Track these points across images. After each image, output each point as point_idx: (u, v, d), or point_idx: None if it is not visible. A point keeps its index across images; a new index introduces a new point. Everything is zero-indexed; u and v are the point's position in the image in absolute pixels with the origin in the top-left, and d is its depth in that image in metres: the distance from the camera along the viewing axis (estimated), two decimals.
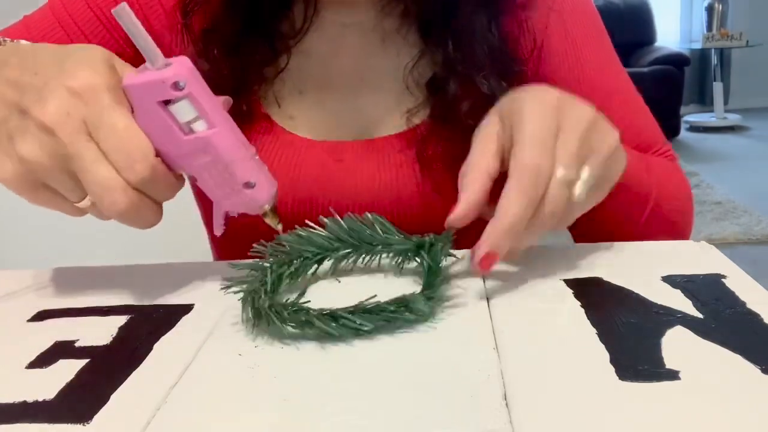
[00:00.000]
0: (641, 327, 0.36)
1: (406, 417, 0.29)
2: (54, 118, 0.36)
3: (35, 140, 0.36)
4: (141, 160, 0.37)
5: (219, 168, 0.39)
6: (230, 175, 0.39)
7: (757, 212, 2.82)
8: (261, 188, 0.40)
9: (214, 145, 0.38)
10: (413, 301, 0.36)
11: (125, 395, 0.32)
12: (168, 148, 0.38)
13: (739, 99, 4.96)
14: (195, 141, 0.38)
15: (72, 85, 0.36)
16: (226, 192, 0.40)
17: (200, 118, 0.37)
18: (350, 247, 0.44)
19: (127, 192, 0.37)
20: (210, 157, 0.38)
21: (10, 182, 0.38)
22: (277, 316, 0.36)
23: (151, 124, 0.37)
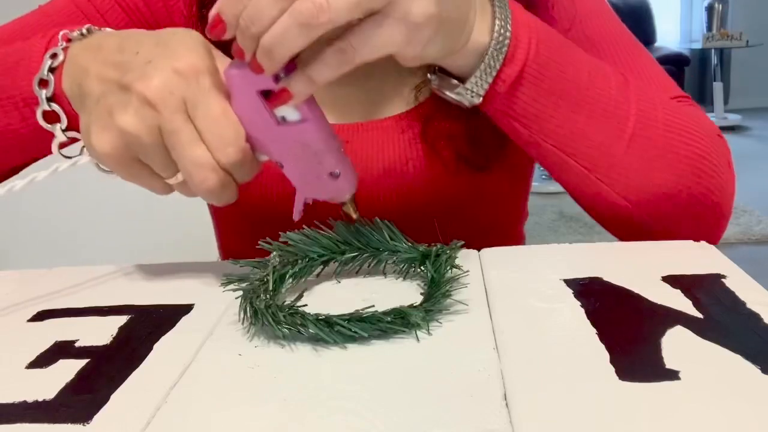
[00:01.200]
0: (641, 327, 0.36)
1: (406, 417, 0.29)
2: (157, 93, 0.37)
3: (137, 113, 0.38)
4: (233, 144, 0.38)
5: (308, 156, 0.40)
6: (318, 164, 0.40)
7: (757, 212, 2.81)
8: (345, 178, 0.42)
9: (307, 135, 0.39)
10: (409, 315, 0.36)
11: (125, 395, 0.32)
12: (260, 134, 0.40)
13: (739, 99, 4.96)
14: (288, 130, 0.39)
15: (176, 65, 0.38)
16: (311, 180, 0.41)
17: (296, 110, 0.39)
18: (356, 251, 0.44)
19: (217, 172, 0.39)
20: (300, 146, 0.40)
21: (108, 155, 0.39)
22: (273, 317, 0.36)
23: (246, 111, 0.39)
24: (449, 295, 0.39)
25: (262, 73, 0.37)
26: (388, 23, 0.37)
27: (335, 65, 0.38)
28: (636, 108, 0.49)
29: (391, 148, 0.58)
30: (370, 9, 0.36)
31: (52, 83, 0.43)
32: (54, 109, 0.43)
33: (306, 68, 0.38)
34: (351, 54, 0.37)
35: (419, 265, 0.43)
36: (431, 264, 0.42)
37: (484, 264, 0.46)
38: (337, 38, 0.37)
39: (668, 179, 0.49)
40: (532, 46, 0.46)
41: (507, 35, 0.45)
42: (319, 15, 0.35)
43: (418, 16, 0.37)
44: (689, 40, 5.00)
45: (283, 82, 0.38)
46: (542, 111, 0.48)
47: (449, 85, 0.47)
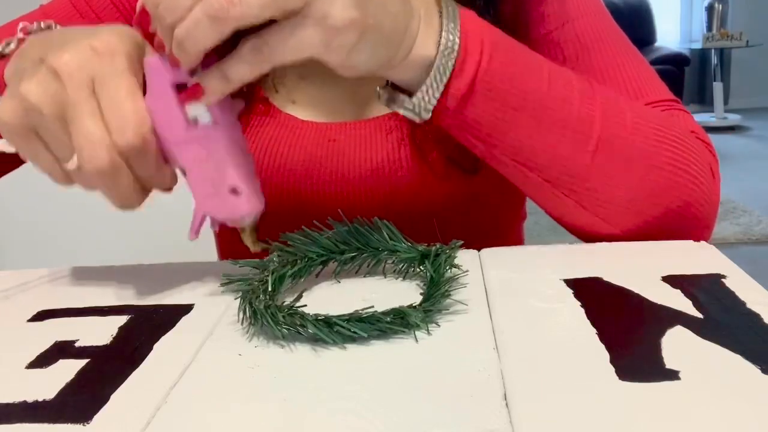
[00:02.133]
0: (641, 327, 0.36)
1: (406, 417, 0.29)
2: (66, 65, 0.37)
3: (41, 83, 0.37)
4: (134, 127, 0.37)
5: (210, 165, 0.39)
6: (219, 176, 0.39)
7: (757, 212, 2.82)
8: (246, 199, 0.40)
9: (214, 141, 0.38)
10: (409, 315, 0.36)
11: (125, 395, 0.32)
12: (167, 133, 0.38)
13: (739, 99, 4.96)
14: (197, 132, 0.38)
15: (94, 43, 0.37)
16: (210, 192, 0.40)
17: (207, 112, 0.38)
18: (356, 251, 0.44)
19: (110, 152, 0.37)
20: (205, 152, 0.38)
21: (6, 123, 0.38)
22: (272, 318, 0.36)
23: (158, 106, 0.38)
24: (449, 295, 0.39)
25: (178, 66, 0.37)
26: (305, 25, 0.36)
27: (250, 63, 0.37)
28: (601, 117, 0.46)
29: (378, 148, 0.58)
30: (286, 9, 0.35)
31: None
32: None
33: (221, 65, 0.37)
34: (267, 53, 0.37)
35: (418, 265, 0.43)
36: (430, 264, 0.42)
37: (484, 264, 0.46)
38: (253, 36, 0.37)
39: (639, 193, 0.47)
40: (484, 57, 0.44)
41: (455, 47, 0.43)
42: (229, 9, 0.34)
43: (337, 20, 0.36)
44: (689, 40, 5.00)
45: (197, 78, 0.37)
46: (497, 125, 0.45)
47: (397, 99, 0.45)
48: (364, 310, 0.36)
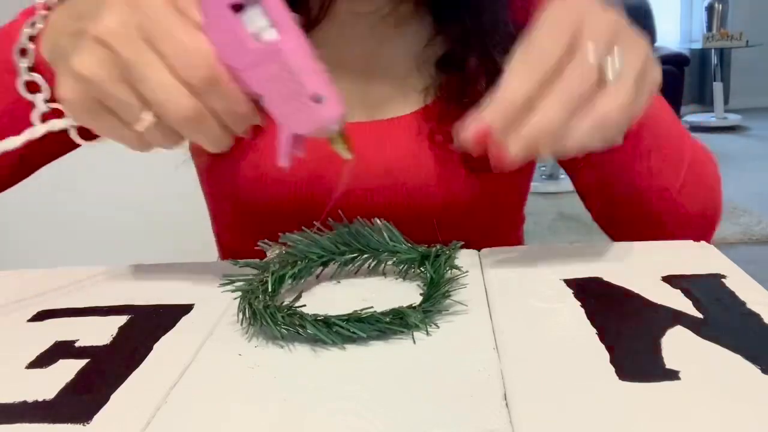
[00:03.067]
0: (641, 327, 0.36)
1: (406, 417, 0.29)
2: (107, 29, 0.35)
3: (91, 54, 0.36)
4: (202, 61, 0.35)
5: (286, 78, 0.36)
6: (299, 86, 0.36)
7: (757, 212, 2.81)
8: (330, 104, 0.37)
9: (285, 53, 0.36)
10: (408, 315, 0.36)
11: (125, 395, 0.32)
12: (234, 59, 0.36)
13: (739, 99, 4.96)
14: (264, 49, 0.36)
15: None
16: (292, 108, 0.37)
17: (271, 27, 0.36)
18: (356, 252, 0.44)
19: (189, 96, 0.35)
20: (277, 67, 0.36)
21: (70, 103, 0.37)
22: (272, 318, 0.36)
23: (219, 33, 0.36)
24: (448, 295, 0.39)
25: None
26: None
27: None
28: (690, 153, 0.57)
29: (393, 148, 0.57)
30: None
31: (30, 51, 0.42)
32: (35, 79, 0.42)
33: None
34: None
35: (419, 266, 0.43)
36: (430, 265, 0.42)
37: (484, 264, 0.46)
38: None
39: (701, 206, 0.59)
40: None
41: None
42: None
43: None
44: (689, 40, 5.00)
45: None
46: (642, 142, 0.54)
47: None
48: (363, 310, 0.36)
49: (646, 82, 0.39)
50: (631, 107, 0.38)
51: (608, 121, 0.37)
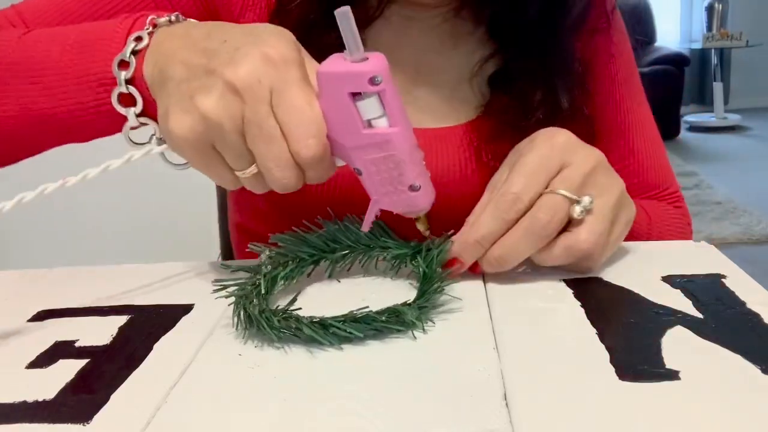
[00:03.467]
0: (641, 327, 0.36)
1: (407, 417, 0.29)
2: (245, 80, 0.36)
3: (221, 99, 0.36)
4: (315, 137, 0.37)
5: (390, 166, 0.39)
6: (399, 175, 0.39)
7: (757, 212, 2.81)
8: (424, 193, 0.41)
9: (393, 144, 0.38)
10: (404, 313, 0.36)
11: (125, 395, 0.32)
12: (343, 138, 0.38)
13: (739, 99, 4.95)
14: (375, 136, 0.38)
15: (268, 52, 0.37)
16: (388, 190, 0.40)
17: (384, 116, 0.38)
18: (346, 249, 0.44)
19: (296, 170, 0.38)
20: (384, 155, 0.38)
21: (185, 140, 0.38)
22: (267, 322, 0.36)
23: (333, 112, 0.38)
24: (442, 290, 0.39)
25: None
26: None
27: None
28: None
29: (437, 158, 0.57)
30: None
31: (133, 66, 0.41)
32: (131, 92, 0.42)
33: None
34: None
35: (410, 261, 0.43)
36: (422, 259, 0.42)
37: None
38: None
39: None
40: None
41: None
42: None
43: None
44: (689, 40, 4.99)
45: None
46: None
47: None
48: (358, 310, 0.36)
49: (620, 218, 0.44)
50: (604, 238, 0.42)
51: (577, 248, 0.41)
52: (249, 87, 0.36)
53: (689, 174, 3.36)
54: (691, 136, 4.39)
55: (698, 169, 3.47)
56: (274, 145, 0.37)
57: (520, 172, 0.42)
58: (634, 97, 0.64)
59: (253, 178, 0.39)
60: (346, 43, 0.36)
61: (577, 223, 0.41)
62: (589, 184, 0.42)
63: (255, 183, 0.40)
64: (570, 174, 0.42)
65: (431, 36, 0.60)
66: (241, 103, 0.36)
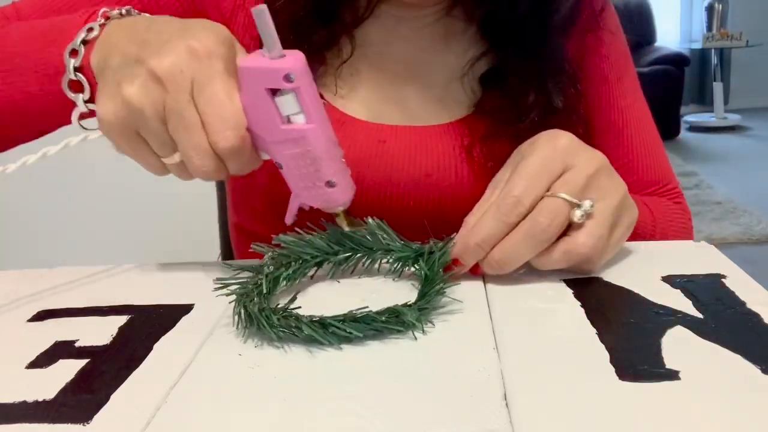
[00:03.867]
0: (641, 327, 0.36)
1: (407, 417, 0.29)
2: (167, 70, 0.38)
3: (143, 87, 0.38)
4: (233, 129, 0.39)
5: (307, 162, 0.40)
6: (316, 171, 0.40)
7: (757, 212, 2.81)
8: (341, 189, 0.42)
9: (309, 140, 0.39)
10: (403, 313, 0.36)
11: (125, 395, 0.32)
12: (263, 132, 0.40)
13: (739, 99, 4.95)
14: (291, 132, 0.39)
15: (193, 44, 0.38)
16: (307, 185, 0.41)
17: (301, 113, 0.39)
18: (350, 251, 0.44)
19: (215, 158, 0.40)
20: (301, 150, 0.40)
21: (110, 124, 0.40)
22: (267, 320, 0.36)
23: (252, 107, 0.39)
24: (443, 292, 0.39)
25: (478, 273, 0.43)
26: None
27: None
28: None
29: (429, 155, 0.58)
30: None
31: (81, 54, 0.43)
32: (79, 78, 0.44)
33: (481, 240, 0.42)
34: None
35: (413, 264, 0.43)
36: (425, 262, 0.42)
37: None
38: None
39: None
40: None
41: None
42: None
43: None
44: (689, 40, 4.99)
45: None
46: None
47: None
48: (358, 310, 0.36)
49: (621, 221, 0.44)
50: (603, 242, 0.42)
51: (576, 253, 0.41)
52: (171, 76, 0.38)
53: (689, 174, 3.36)
54: (691, 136, 4.39)
55: (698, 169, 3.47)
56: (193, 134, 0.38)
57: (522, 174, 0.42)
58: (629, 95, 0.64)
59: (178, 165, 0.41)
60: (264, 40, 0.38)
61: (578, 226, 0.41)
62: (591, 187, 0.42)
63: (180, 171, 0.42)
64: (572, 177, 0.42)
65: (422, 35, 0.60)
66: (163, 91, 0.38)
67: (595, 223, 0.41)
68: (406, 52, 0.61)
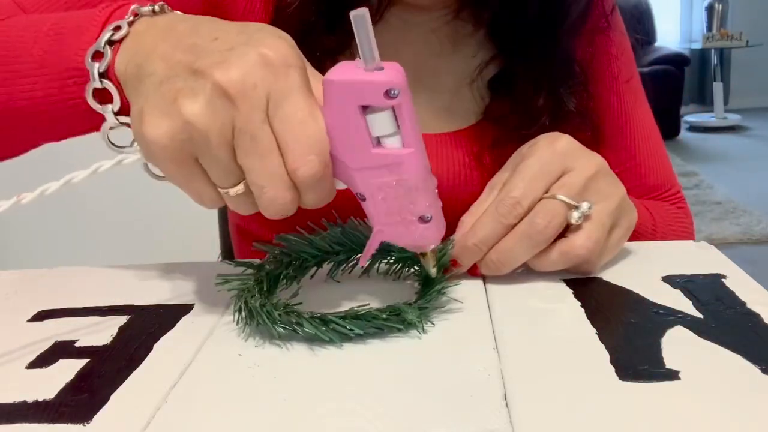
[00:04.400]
0: (641, 327, 0.36)
1: (407, 417, 0.29)
2: (239, 84, 0.31)
3: (209, 104, 0.31)
4: (317, 154, 0.32)
5: (400, 192, 0.34)
6: (409, 203, 0.34)
7: (757, 212, 2.81)
8: (435, 226, 0.36)
9: (405, 167, 0.33)
10: (404, 311, 0.36)
11: (125, 395, 0.32)
12: (349, 157, 0.33)
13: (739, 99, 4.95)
14: (385, 157, 0.33)
15: (266, 53, 0.32)
16: (395, 220, 0.35)
17: (397, 134, 0.33)
18: (350, 252, 0.44)
19: (292, 190, 0.33)
20: (394, 179, 0.34)
21: (164, 148, 0.32)
22: (268, 316, 0.36)
23: (338, 127, 0.33)
24: (443, 292, 0.39)
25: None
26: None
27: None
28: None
29: (438, 163, 0.57)
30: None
31: (107, 57, 0.36)
32: (106, 86, 0.37)
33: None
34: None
35: (412, 266, 0.43)
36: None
37: None
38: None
39: None
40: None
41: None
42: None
43: None
44: (689, 40, 4.99)
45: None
46: None
47: None
48: (359, 307, 0.36)
49: (620, 223, 0.44)
50: (600, 244, 0.42)
51: (573, 254, 0.41)
52: (243, 92, 0.31)
53: (689, 174, 3.36)
54: (691, 136, 4.39)
55: (698, 169, 3.47)
56: (268, 160, 0.32)
57: (521, 176, 0.42)
58: (635, 98, 0.64)
59: (240, 197, 0.35)
60: (360, 49, 0.31)
61: (575, 228, 0.41)
62: (590, 189, 0.42)
63: (242, 203, 0.35)
64: (570, 180, 0.42)
65: (431, 39, 0.60)
66: (233, 109, 0.32)
67: (593, 225, 0.41)
68: (415, 57, 0.60)
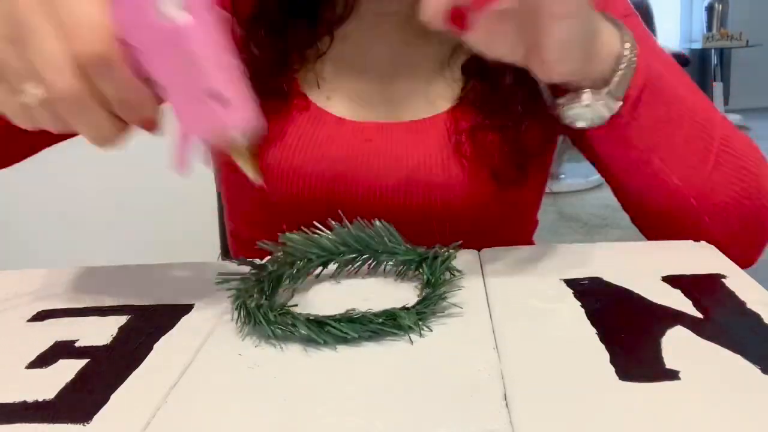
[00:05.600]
0: (641, 327, 0.36)
1: (407, 417, 0.29)
2: None
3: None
4: (96, 35, 0.31)
5: (189, 69, 0.32)
6: (199, 80, 0.32)
7: None
8: (233, 107, 0.33)
9: (189, 39, 0.32)
10: (401, 317, 0.36)
11: (125, 395, 0.32)
12: (135, 37, 0.32)
13: (739, 99, 4.96)
14: (167, 29, 0.32)
15: None
16: (191, 103, 0.33)
17: (183, 9, 0.32)
18: (355, 253, 0.44)
19: (74, 71, 0.32)
20: (180, 53, 0.32)
21: None
22: (264, 317, 0.36)
23: (126, 9, 0.32)
24: (445, 297, 0.39)
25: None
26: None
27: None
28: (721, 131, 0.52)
29: (414, 151, 0.57)
30: None
31: None
32: None
33: None
34: None
35: (417, 268, 0.43)
36: (428, 266, 0.42)
37: (484, 264, 0.46)
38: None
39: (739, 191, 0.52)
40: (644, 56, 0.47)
41: (634, 44, 0.46)
42: None
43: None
44: (689, 40, 5.00)
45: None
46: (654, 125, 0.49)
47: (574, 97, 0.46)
48: (355, 310, 0.36)
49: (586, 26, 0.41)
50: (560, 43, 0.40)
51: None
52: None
53: None
54: None
55: None
56: (46, 42, 0.31)
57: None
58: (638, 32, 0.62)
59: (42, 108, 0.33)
60: None
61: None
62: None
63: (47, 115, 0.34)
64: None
65: (404, 29, 0.60)
66: (11, 3, 0.32)
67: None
68: (389, 48, 0.60)
